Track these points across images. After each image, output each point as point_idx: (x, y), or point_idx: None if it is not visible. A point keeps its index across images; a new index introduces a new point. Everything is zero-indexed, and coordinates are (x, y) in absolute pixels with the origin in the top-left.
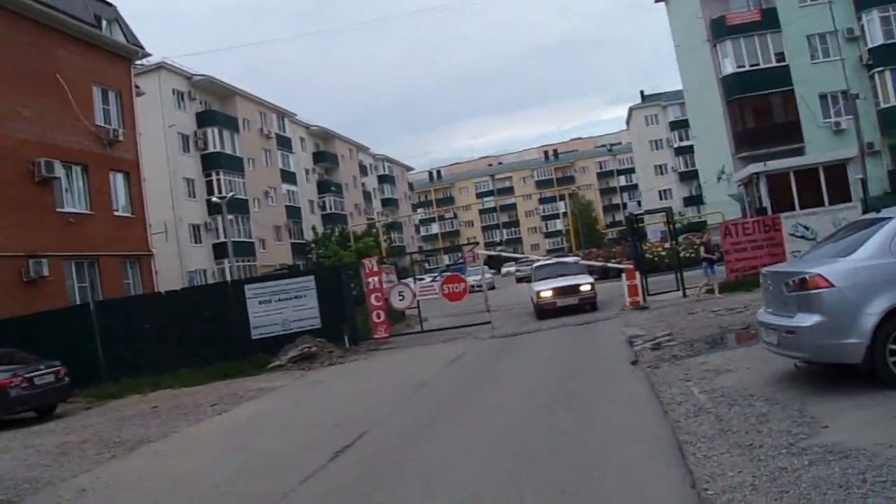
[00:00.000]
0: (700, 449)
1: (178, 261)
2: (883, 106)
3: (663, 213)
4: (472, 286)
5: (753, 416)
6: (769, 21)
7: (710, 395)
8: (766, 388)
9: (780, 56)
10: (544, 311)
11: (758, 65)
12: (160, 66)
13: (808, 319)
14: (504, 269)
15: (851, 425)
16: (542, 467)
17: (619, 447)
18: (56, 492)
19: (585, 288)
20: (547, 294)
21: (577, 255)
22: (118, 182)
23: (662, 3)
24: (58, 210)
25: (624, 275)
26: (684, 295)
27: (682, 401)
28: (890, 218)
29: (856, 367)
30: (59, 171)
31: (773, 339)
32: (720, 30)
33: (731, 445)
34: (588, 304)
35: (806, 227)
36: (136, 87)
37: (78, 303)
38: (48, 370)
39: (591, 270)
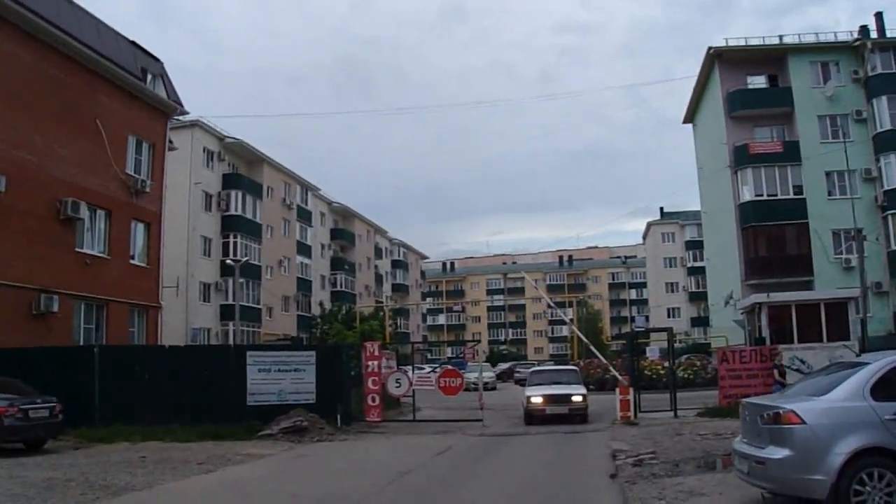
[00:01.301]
0: None
1: (184, 316)
2: (894, 247)
3: (665, 332)
4: (470, 383)
5: None
6: (791, 154)
7: None
8: None
9: (798, 189)
10: (533, 417)
11: (776, 195)
12: (195, 124)
13: (778, 452)
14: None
15: None
16: None
17: None
18: None
19: (577, 398)
20: (537, 400)
21: (577, 364)
22: (138, 231)
23: (690, 125)
24: (76, 250)
25: (618, 389)
26: (675, 415)
27: None
28: (867, 363)
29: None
30: (84, 212)
31: (745, 468)
32: (742, 157)
33: None
34: (578, 416)
35: (802, 361)
36: (170, 141)
37: (82, 343)
38: (44, 405)
39: (588, 381)
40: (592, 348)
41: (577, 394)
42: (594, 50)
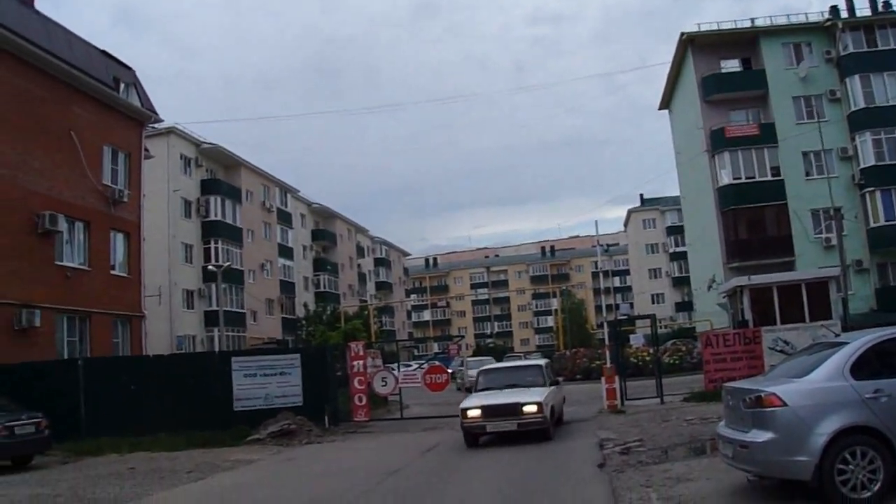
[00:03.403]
0: None
1: (168, 324)
2: (872, 225)
3: (649, 319)
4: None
5: None
6: (767, 136)
7: (667, 503)
8: (722, 499)
9: (776, 170)
10: (471, 436)
11: (753, 177)
12: (170, 131)
13: (761, 436)
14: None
15: None
16: None
17: None
18: None
19: (530, 409)
20: (473, 414)
21: (519, 356)
22: (118, 241)
23: (666, 111)
24: (56, 263)
25: (603, 378)
26: (662, 402)
27: None
28: (846, 342)
29: (806, 484)
30: (62, 225)
31: (729, 452)
32: (719, 141)
33: None
34: (533, 432)
35: (786, 342)
36: (146, 149)
37: (66, 356)
38: (29, 420)
39: (557, 376)
40: None
41: (531, 402)
42: (567, 39)
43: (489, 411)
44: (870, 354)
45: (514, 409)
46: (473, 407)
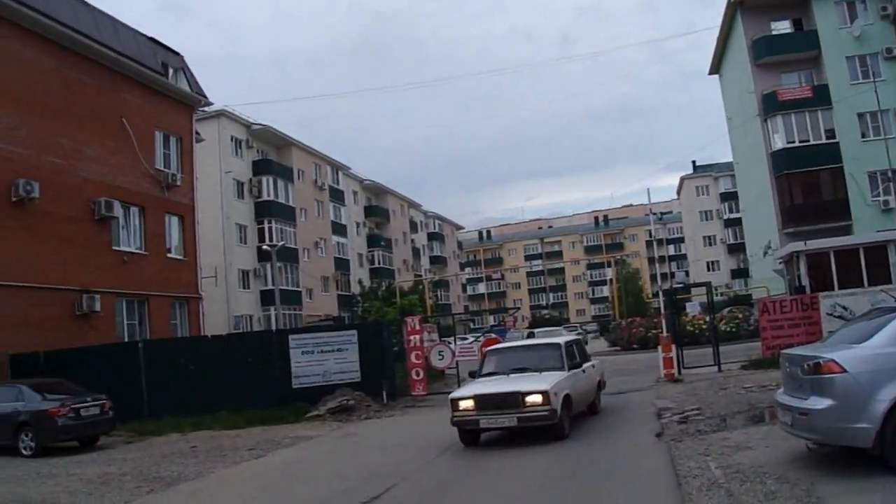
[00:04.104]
0: None
1: (225, 305)
2: None
3: (704, 287)
4: None
5: (762, 493)
6: (821, 98)
7: (725, 471)
8: (780, 466)
9: (831, 133)
10: (466, 434)
11: (808, 141)
12: (220, 114)
13: (820, 403)
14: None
15: None
16: None
17: None
18: None
19: (534, 399)
20: (466, 405)
21: (575, 327)
22: (173, 225)
23: (716, 76)
24: (113, 248)
25: (660, 347)
26: (719, 370)
27: (697, 475)
28: None
29: (866, 451)
30: (118, 210)
31: (788, 420)
32: (771, 105)
33: None
34: (539, 428)
35: (844, 308)
36: (197, 133)
37: (126, 339)
38: (94, 402)
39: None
40: None
41: (535, 390)
42: (613, 8)
43: (483, 402)
44: None
45: (514, 400)
46: (465, 397)
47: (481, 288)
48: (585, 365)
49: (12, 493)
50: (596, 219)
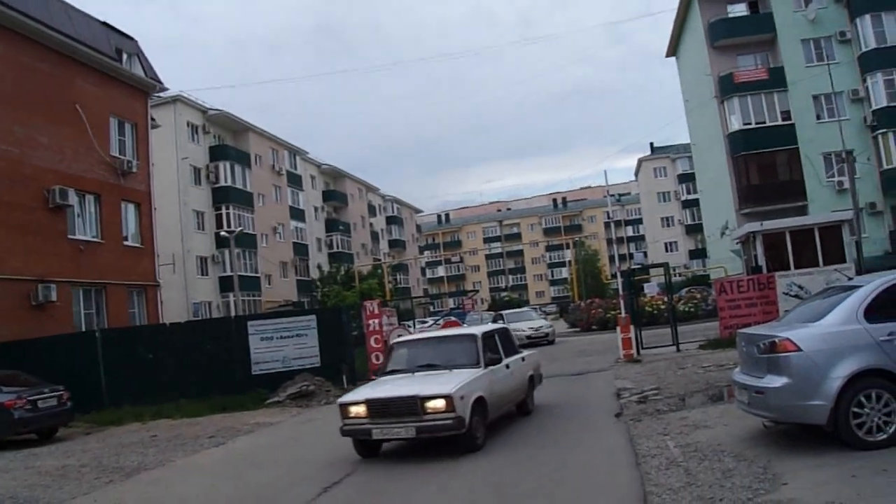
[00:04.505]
0: (664, 500)
1: (184, 292)
2: (886, 167)
3: (662, 268)
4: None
5: (720, 471)
6: (776, 80)
7: (684, 450)
8: (738, 444)
9: (787, 114)
10: (361, 445)
11: (764, 122)
12: (176, 99)
13: (776, 381)
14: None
15: (810, 483)
16: None
17: (589, 492)
18: None
19: (435, 404)
20: (356, 410)
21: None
22: (129, 212)
23: (674, 58)
24: (69, 237)
25: (619, 327)
26: (678, 350)
27: (656, 454)
28: (859, 286)
29: (821, 428)
30: (73, 198)
31: (745, 399)
32: (728, 87)
33: (693, 498)
34: (443, 438)
35: (800, 287)
36: (152, 119)
37: (84, 329)
38: (52, 394)
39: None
40: None
41: (438, 395)
42: None
43: (377, 408)
44: (884, 297)
45: (412, 406)
46: (356, 402)
47: (440, 271)
48: (511, 359)
49: None
50: (554, 201)
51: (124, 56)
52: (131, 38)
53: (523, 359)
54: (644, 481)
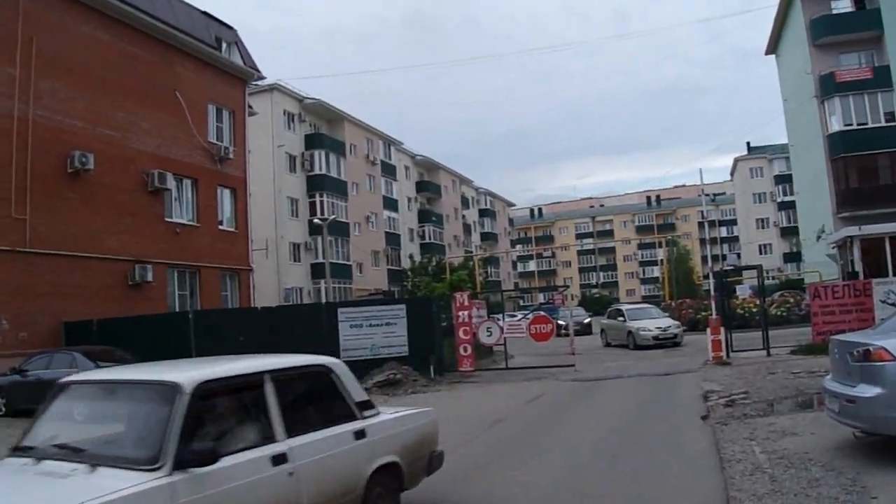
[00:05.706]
0: None
1: (275, 277)
2: None
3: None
4: (561, 328)
5: (806, 479)
6: (881, 79)
7: (770, 456)
8: (826, 453)
9: (890, 116)
10: None
11: (866, 124)
12: (273, 88)
13: (869, 391)
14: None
15: None
16: None
17: (672, 494)
18: None
19: None
20: None
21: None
22: (225, 197)
23: (773, 56)
24: (166, 219)
25: (709, 329)
26: (768, 354)
27: (741, 458)
28: None
29: None
30: (171, 182)
31: (836, 407)
32: (829, 86)
33: None
34: None
35: None
36: (250, 106)
37: (177, 309)
38: None
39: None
40: None
41: None
42: None
43: None
44: None
45: None
46: None
47: (532, 265)
48: (308, 439)
49: None
50: (648, 198)
51: (223, 45)
52: (230, 27)
53: (362, 433)
54: (728, 486)
